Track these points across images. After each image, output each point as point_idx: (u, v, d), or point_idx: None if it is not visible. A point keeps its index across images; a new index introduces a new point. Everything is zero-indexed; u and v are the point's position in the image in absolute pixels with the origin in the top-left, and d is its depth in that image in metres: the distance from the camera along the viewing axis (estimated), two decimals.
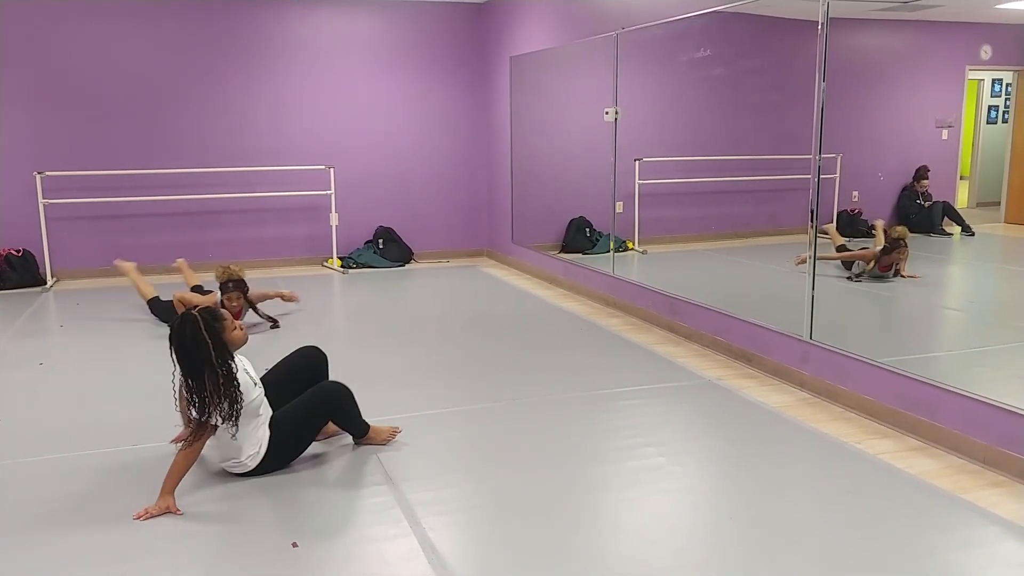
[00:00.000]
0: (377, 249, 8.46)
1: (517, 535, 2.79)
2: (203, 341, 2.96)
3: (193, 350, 2.97)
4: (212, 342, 2.98)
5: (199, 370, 2.98)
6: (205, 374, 2.97)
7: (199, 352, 2.97)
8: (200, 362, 2.98)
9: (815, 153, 4.31)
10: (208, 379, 2.97)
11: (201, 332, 2.97)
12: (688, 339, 5.38)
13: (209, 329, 3.00)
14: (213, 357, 2.97)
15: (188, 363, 2.99)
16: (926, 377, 3.67)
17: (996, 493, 3.10)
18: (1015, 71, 4.92)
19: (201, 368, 2.97)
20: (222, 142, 8.04)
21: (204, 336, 2.97)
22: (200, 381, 2.98)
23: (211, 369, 2.97)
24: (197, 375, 2.99)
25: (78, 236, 7.79)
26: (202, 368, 2.97)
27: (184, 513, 2.95)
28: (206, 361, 2.97)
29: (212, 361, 2.97)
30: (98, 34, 7.60)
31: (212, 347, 2.98)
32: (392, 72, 8.48)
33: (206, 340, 2.97)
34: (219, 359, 2.99)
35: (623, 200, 6.78)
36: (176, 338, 3.00)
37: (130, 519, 2.90)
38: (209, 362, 2.97)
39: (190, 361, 2.98)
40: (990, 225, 5.25)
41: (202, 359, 2.97)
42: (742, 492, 3.12)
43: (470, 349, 5.21)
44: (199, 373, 2.98)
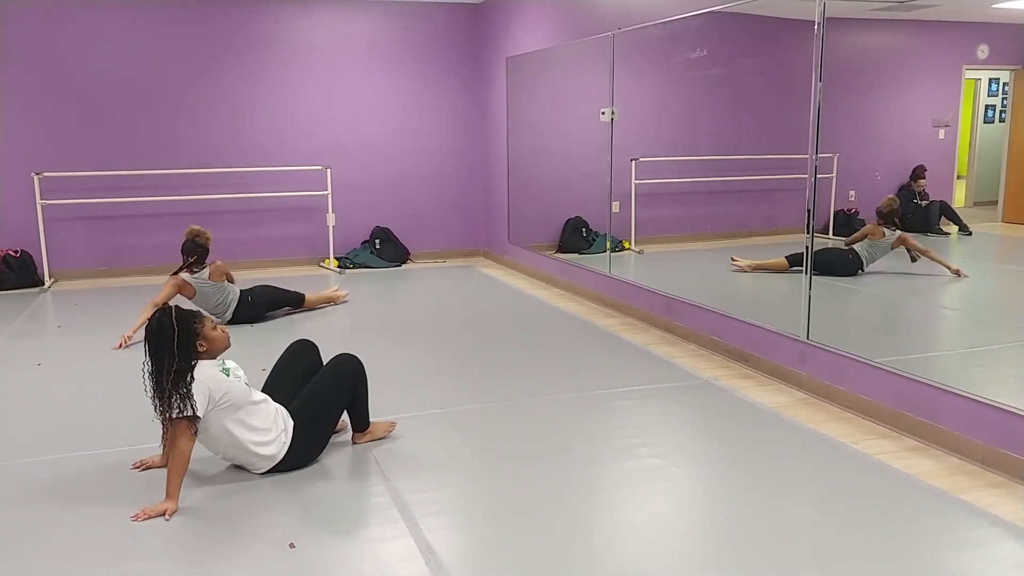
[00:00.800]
0: (374, 249, 8.45)
1: (514, 536, 2.79)
2: (169, 328, 2.99)
3: (158, 335, 3.00)
4: (179, 331, 3.00)
5: (160, 358, 2.99)
6: (164, 362, 2.98)
7: (163, 338, 2.99)
8: (161, 349, 2.99)
9: (811, 153, 4.31)
10: (166, 368, 2.98)
11: (171, 320, 3.01)
12: (685, 339, 5.38)
13: (180, 319, 3.04)
14: (175, 346, 2.98)
15: (152, 348, 3.01)
16: (924, 377, 3.67)
17: (995, 494, 3.10)
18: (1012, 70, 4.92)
19: (161, 355, 2.99)
20: (219, 143, 8.03)
21: (172, 324, 3.00)
22: (159, 369, 2.99)
23: (170, 357, 2.98)
24: (157, 362, 3.00)
25: (76, 237, 7.78)
26: (162, 356, 2.99)
27: (178, 511, 2.94)
28: (167, 349, 2.98)
29: (173, 350, 2.98)
30: (95, 35, 7.58)
31: (177, 335, 2.99)
32: (389, 72, 8.47)
33: (172, 327, 3.00)
34: (181, 350, 2.99)
35: (619, 200, 6.78)
36: (148, 324, 3.05)
37: (126, 519, 2.89)
38: (170, 351, 2.98)
39: (154, 346, 3.01)
40: (987, 224, 5.24)
41: (164, 347, 2.99)
42: (739, 493, 3.11)
43: (467, 349, 5.21)
44: (159, 361, 2.99)
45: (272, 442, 3.22)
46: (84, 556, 2.67)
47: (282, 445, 3.24)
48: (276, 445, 3.23)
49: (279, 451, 3.23)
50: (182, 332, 3.02)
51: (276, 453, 3.23)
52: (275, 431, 3.23)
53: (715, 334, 5.10)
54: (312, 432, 3.34)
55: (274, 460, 3.23)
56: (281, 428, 3.26)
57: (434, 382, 4.50)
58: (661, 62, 6.56)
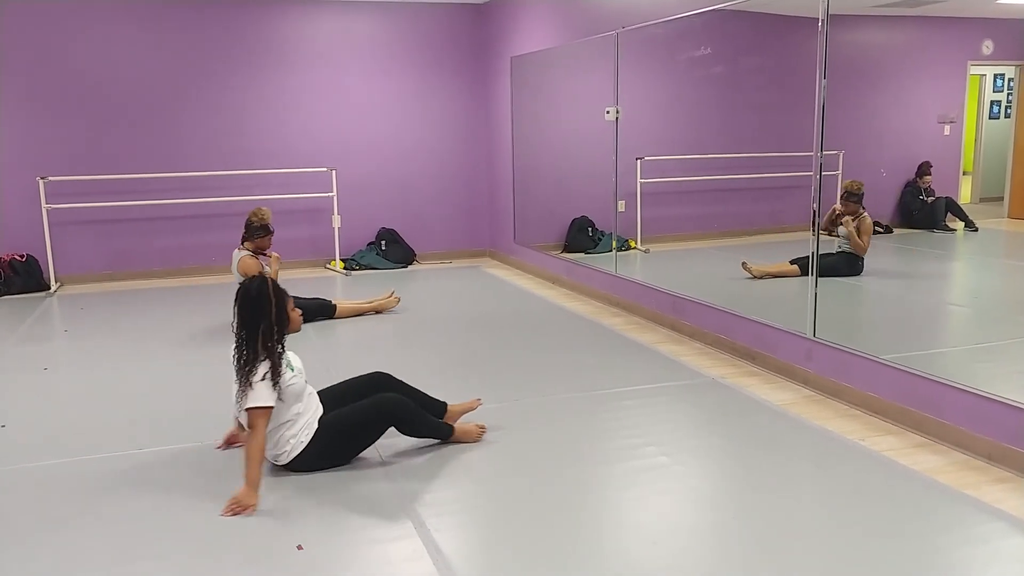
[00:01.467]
0: (380, 251, 8.46)
1: (521, 535, 2.79)
2: (268, 298, 3.10)
3: (257, 303, 3.10)
4: (276, 303, 3.11)
5: (255, 325, 3.08)
6: (260, 329, 3.07)
7: (261, 307, 3.09)
8: (259, 317, 3.08)
9: (817, 150, 4.31)
10: (262, 336, 3.07)
11: (268, 290, 3.11)
12: (691, 338, 5.37)
13: (276, 292, 3.13)
14: (272, 316, 3.09)
15: (248, 315, 3.10)
16: (930, 373, 3.66)
17: (1001, 489, 3.09)
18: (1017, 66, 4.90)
19: (258, 323, 3.08)
20: (224, 145, 8.05)
21: (270, 294, 3.10)
22: (253, 337, 3.08)
23: (267, 326, 3.08)
24: (252, 330, 3.09)
25: (81, 241, 7.81)
26: (259, 323, 3.08)
27: (182, 514, 2.95)
28: (265, 317, 3.08)
29: (271, 319, 3.08)
30: (100, 38, 7.61)
31: (275, 307, 3.10)
32: (393, 73, 8.49)
33: (271, 299, 3.10)
34: (278, 321, 3.11)
35: (625, 199, 6.77)
36: (243, 291, 3.13)
37: (133, 522, 2.91)
38: (268, 319, 3.08)
39: (251, 314, 3.09)
40: (993, 220, 5.23)
41: (262, 315, 3.08)
42: (745, 491, 3.11)
43: (473, 350, 5.21)
44: (254, 328, 3.08)
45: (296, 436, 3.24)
46: (90, 558, 2.68)
47: (299, 444, 3.25)
48: (295, 443, 3.25)
49: (295, 448, 3.25)
50: (278, 307, 3.13)
51: (291, 450, 3.25)
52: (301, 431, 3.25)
53: (721, 332, 5.10)
54: (331, 447, 3.32)
55: (288, 456, 3.25)
56: (305, 428, 3.27)
57: (439, 382, 4.50)
58: (665, 61, 6.55)
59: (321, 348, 5.29)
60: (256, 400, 3.06)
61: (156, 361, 5.04)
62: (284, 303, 3.18)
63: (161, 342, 5.49)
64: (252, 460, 3.03)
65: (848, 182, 5.22)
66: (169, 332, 5.75)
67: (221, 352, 5.22)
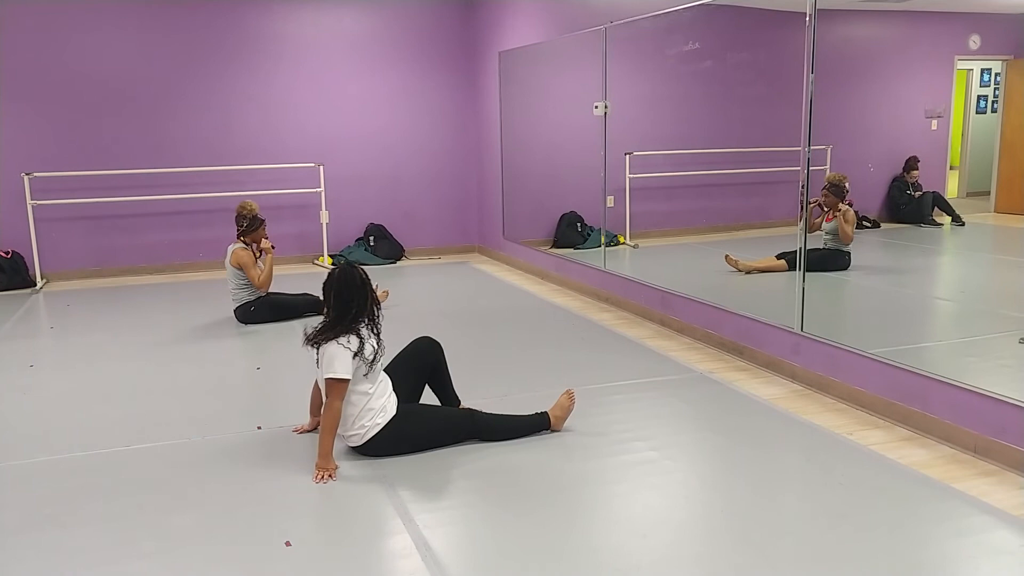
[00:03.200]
0: (368, 246, 8.44)
1: (510, 530, 2.79)
2: (367, 283, 3.36)
3: (357, 288, 3.32)
4: (369, 289, 3.37)
5: (347, 307, 3.29)
6: (352, 312, 3.29)
7: (362, 293, 3.33)
8: (351, 300, 3.30)
9: (804, 145, 4.31)
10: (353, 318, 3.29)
11: (365, 275, 3.40)
12: (680, 333, 5.38)
13: (367, 280, 3.41)
14: (369, 302, 3.36)
15: (344, 299, 3.30)
16: (917, 368, 3.67)
17: (987, 482, 3.11)
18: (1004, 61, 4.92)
19: (350, 305, 3.30)
20: (211, 141, 8.01)
21: (366, 279, 3.38)
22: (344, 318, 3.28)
23: (360, 309, 3.31)
24: (343, 311, 3.29)
25: (67, 237, 7.76)
26: (351, 305, 3.30)
27: (174, 513, 2.94)
28: (364, 303, 3.33)
29: (369, 304, 3.35)
30: (85, 33, 7.55)
31: (369, 293, 3.37)
32: (381, 69, 8.46)
33: (367, 283, 3.37)
34: (374, 305, 3.39)
35: (614, 194, 6.77)
36: (343, 275, 3.35)
37: (120, 519, 2.89)
38: (360, 303, 3.32)
39: (346, 297, 3.30)
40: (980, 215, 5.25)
41: (356, 298, 3.31)
42: (734, 485, 3.12)
43: (461, 345, 5.20)
44: (346, 310, 3.29)
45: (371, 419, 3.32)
46: (79, 557, 2.67)
47: (375, 426, 3.32)
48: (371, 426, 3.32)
49: (369, 431, 3.32)
50: (371, 291, 3.37)
51: (364, 433, 3.32)
52: (377, 414, 3.33)
53: (709, 327, 5.11)
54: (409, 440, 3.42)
55: (361, 439, 3.33)
56: (381, 412, 3.34)
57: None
58: (654, 55, 6.55)
59: None
60: (336, 370, 3.21)
61: (143, 358, 5.02)
62: (373, 290, 3.42)
63: (148, 339, 5.46)
64: (324, 430, 3.23)
65: (831, 175, 5.24)
66: (156, 329, 5.72)
67: (209, 348, 5.22)
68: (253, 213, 5.77)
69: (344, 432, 3.35)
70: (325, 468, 3.21)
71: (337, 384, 3.23)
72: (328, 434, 3.23)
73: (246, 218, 5.76)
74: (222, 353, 5.14)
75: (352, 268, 3.39)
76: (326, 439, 3.23)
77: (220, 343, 5.36)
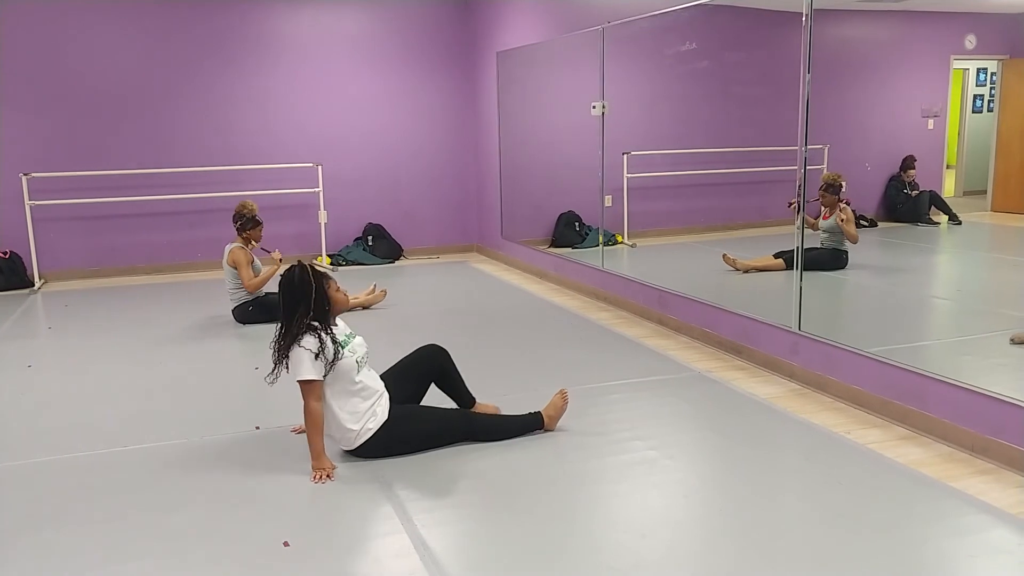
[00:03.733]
0: (367, 246, 8.44)
1: (509, 530, 2.80)
2: (308, 283, 3.24)
3: (298, 289, 3.23)
4: (315, 287, 3.24)
5: (293, 310, 3.22)
6: (298, 314, 3.21)
7: (302, 292, 3.23)
8: (297, 303, 3.22)
9: (801, 144, 4.32)
10: (298, 320, 3.20)
11: (308, 276, 3.26)
12: (678, 332, 5.39)
13: (316, 276, 3.28)
14: (312, 301, 3.22)
15: (288, 302, 3.24)
16: (914, 366, 3.68)
17: (985, 481, 3.12)
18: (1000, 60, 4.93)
19: (296, 308, 3.22)
20: (210, 141, 8.01)
21: (310, 279, 3.25)
22: (290, 322, 3.22)
23: (305, 310, 3.21)
24: (290, 314, 3.23)
25: (65, 237, 7.75)
26: (296, 308, 3.22)
27: (169, 513, 2.94)
28: (302, 302, 3.22)
29: (310, 304, 3.22)
30: (84, 33, 7.55)
31: (315, 291, 3.23)
32: (379, 69, 8.46)
33: (311, 283, 3.24)
34: (317, 305, 3.24)
35: (612, 194, 6.78)
36: (285, 278, 3.29)
37: (118, 520, 2.89)
38: (306, 304, 3.21)
39: (291, 300, 3.23)
40: (977, 214, 5.26)
41: (301, 299, 3.22)
42: (733, 484, 3.13)
43: (459, 345, 5.19)
44: (292, 312, 3.22)
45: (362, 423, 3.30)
46: (76, 558, 2.67)
47: (367, 432, 3.31)
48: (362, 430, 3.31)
49: (362, 435, 3.31)
50: (318, 289, 3.25)
51: (356, 436, 3.30)
52: (365, 417, 3.31)
53: (708, 326, 5.12)
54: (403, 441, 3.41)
55: (354, 443, 3.32)
56: (370, 416, 3.32)
57: None
58: (651, 55, 6.56)
59: None
60: (301, 373, 3.19)
61: (141, 358, 5.02)
62: (324, 286, 3.30)
63: (146, 339, 5.46)
64: (309, 432, 3.24)
65: (827, 174, 5.25)
66: (154, 329, 5.72)
67: (207, 348, 5.23)
68: (253, 213, 5.80)
69: (333, 435, 3.34)
70: (320, 468, 3.22)
71: (308, 385, 3.21)
72: (315, 434, 3.24)
73: (246, 218, 5.80)
74: (220, 353, 5.14)
75: (293, 269, 3.30)
76: (315, 440, 3.24)
77: (218, 343, 5.36)
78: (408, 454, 3.41)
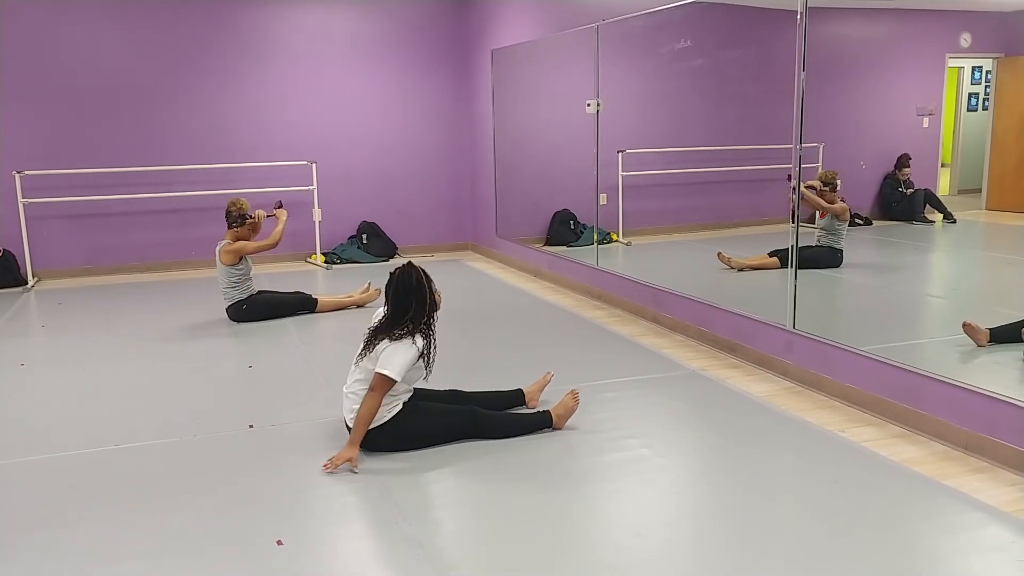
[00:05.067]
0: (361, 244, 8.43)
1: (503, 528, 2.79)
2: (424, 286, 3.38)
3: (415, 289, 3.35)
4: (429, 291, 3.40)
5: (405, 309, 3.34)
6: (410, 313, 3.33)
7: (418, 294, 3.35)
8: (410, 302, 3.34)
9: (796, 143, 4.32)
10: (413, 318, 3.34)
11: (424, 280, 3.40)
12: (672, 330, 5.39)
13: (429, 281, 3.43)
14: (428, 304, 3.38)
15: (402, 300, 3.34)
16: (909, 365, 3.68)
17: (978, 479, 3.12)
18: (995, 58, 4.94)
19: (408, 307, 3.34)
20: (203, 139, 7.98)
21: (426, 284, 3.39)
22: (401, 318, 3.33)
23: (419, 311, 3.35)
24: (401, 312, 3.34)
25: (59, 235, 7.72)
26: (409, 307, 3.34)
27: (163, 512, 2.93)
28: (415, 302, 3.34)
29: (426, 305, 3.37)
30: (78, 31, 7.52)
31: (429, 294, 3.39)
32: (373, 66, 8.44)
33: (426, 287, 3.39)
34: (431, 307, 3.40)
35: (607, 192, 6.78)
36: (401, 278, 3.38)
37: (111, 519, 2.88)
38: (420, 303, 3.35)
39: (405, 298, 3.34)
40: (971, 212, 5.27)
41: (415, 299, 3.34)
42: (727, 482, 3.13)
43: (454, 343, 5.19)
44: (403, 311, 3.34)
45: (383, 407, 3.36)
46: (69, 557, 2.65)
47: (381, 419, 3.35)
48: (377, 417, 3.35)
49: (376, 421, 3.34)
50: (430, 292, 3.40)
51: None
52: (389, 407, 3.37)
53: (702, 324, 5.12)
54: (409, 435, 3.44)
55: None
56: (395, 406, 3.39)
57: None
58: (646, 54, 6.56)
59: (301, 343, 5.27)
60: (393, 368, 3.25)
61: (135, 357, 5.00)
62: (433, 289, 3.44)
63: (140, 338, 5.44)
64: (360, 421, 3.27)
65: (822, 173, 5.26)
66: (148, 328, 5.70)
67: (201, 347, 5.21)
68: (243, 211, 5.76)
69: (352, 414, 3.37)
70: (347, 458, 3.21)
71: (386, 381, 3.27)
72: (362, 426, 3.28)
73: (236, 215, 5.76)
74: (214, 352, 5.12)
75: (409, 270, 3.40)
76: (360, 429, 3.28)
77: (212, 342, 5.35)
78: (414, 449, 3.40)
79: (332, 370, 4.50)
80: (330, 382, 4.32)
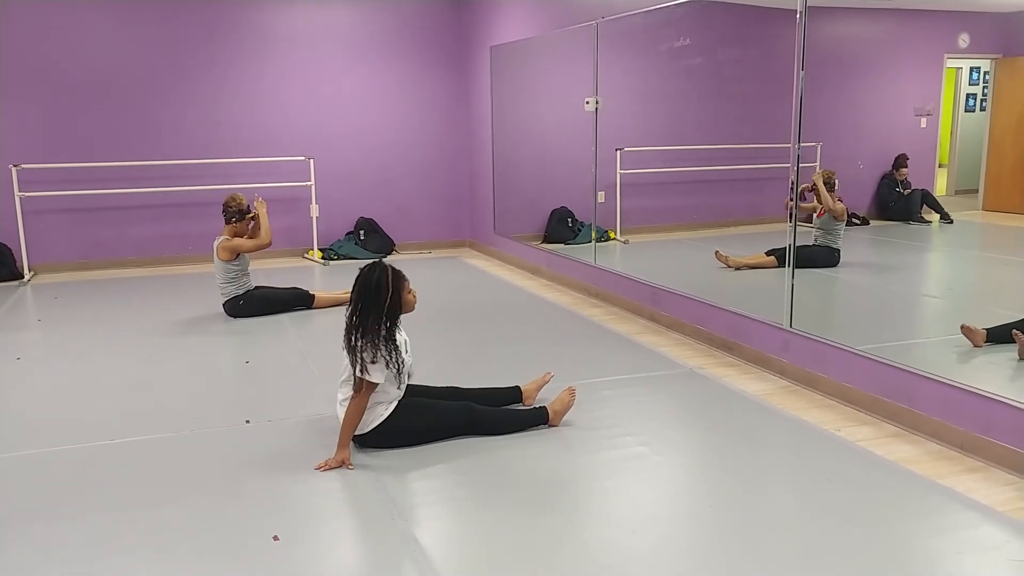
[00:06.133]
0: (358, 240, 8.42)
1: (499, 526, 2.79)
2: (385, 289, 3.21)
3: (374, 293, 3.20)
4: (391, 292, 3.22)
5: (366, 312, 3.20)
6: (369, 320, 3.18)
7: (376, 297, 3.20)
8: (370, 305, 3.20)
9: (794, 142, 4.32)
10: (371, 327, 3.18)
11: (387, 281, 3.22)
12: (670, 328, 5.39)
13: (394, 281, 3.25)
14: (386, 309, 3.21)
15: (363, 302, 3.21)
16: (905, 364, 3.69)
17: (973, 479, 3.13)
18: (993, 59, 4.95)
19: (368, 310, 3.20)
20: (201, 134, 7.97)
21: (388, 285, 3.22)
22: (364, 323, 3.19)
23: (376, 317, 3.19)
24: (363, 315, 3.20)
25: (55, 229, 7.71)
26: (369, 310, 3.20)
27: (161, 508, 2.93)
28: (375, 305, 3.20)
29: (383, 311, 3.20)
30: (75, 25, 7.50)
31: (389, 297, 3.21)
32: (372, 63, 8.43)
33: (388, 288, 3.21)
34: (390, 312, 3.23)
35: (605, 190, 6.78)
36: (362, 279, 3.25)
37: (106, 514, 2.88)
38: (378, 308, 3.19)
39: (365, 301, 3.21)
40: (968, 212, 5.28)
41: (374, 303, 3.20)
42: (723, 480, 3.13)
43: (451, 340, 5.20)
44: (365, 314, 3.20)
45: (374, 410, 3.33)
46: (66, 552, 2.65)
47: (378, 417, 3.34)
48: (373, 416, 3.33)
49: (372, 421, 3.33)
50: (393, 296, 3.23)
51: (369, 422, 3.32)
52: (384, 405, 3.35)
53: (699, 323, 5.12)
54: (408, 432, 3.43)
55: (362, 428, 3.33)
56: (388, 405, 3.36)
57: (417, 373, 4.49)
58: (645, 51, 6.56)
59: (298, 338, 5.27)
60: (373, 375, 3.20)
61: (131, 352, 4.99)
62: (400, 290, 3.29)
63: (136, 332, 5.44)
64: (345, 424, 3.25)
65: (819, 172, 5.26)
66: (144, 322, 5.70)
67: (198, 342, 5.21)
68: (241, 207, 5.77)
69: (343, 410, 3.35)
70: (339, 461, 3.21)
71: (369, 384, 3.24)
72: (348, 429, 3.26)
73: (234, 211, 5.76)
74: (211, 347, 5.12)
75: (374, 269, 3.26)
76: (347, 432, 3.26)
77: (209, 337, 5.34)
78: (410, 446, 3.41)
79: (328, 366, 4.49)
80: (326, 378, 4.32)
